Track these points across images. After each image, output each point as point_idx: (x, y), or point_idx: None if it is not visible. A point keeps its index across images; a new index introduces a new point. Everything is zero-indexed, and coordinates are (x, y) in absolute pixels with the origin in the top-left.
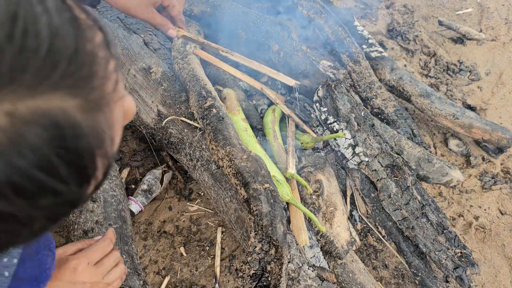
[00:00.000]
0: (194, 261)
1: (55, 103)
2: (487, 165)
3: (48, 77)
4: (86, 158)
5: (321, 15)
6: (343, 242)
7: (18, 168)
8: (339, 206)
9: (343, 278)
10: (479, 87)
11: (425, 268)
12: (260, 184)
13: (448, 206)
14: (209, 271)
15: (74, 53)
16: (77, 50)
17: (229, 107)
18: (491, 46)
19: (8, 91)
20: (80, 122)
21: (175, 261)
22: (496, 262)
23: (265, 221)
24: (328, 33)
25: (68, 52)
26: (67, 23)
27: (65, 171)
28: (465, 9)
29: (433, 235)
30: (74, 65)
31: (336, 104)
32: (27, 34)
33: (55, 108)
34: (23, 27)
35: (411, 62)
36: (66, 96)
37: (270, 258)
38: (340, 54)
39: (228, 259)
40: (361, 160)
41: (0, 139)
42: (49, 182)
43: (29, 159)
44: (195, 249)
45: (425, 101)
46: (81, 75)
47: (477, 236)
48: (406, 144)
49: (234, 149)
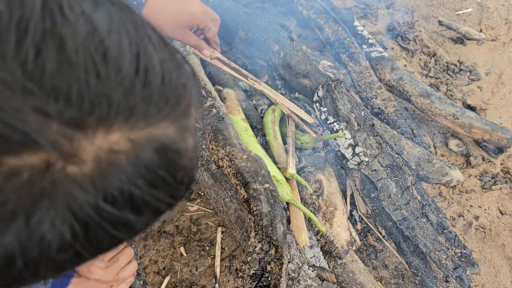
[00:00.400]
0: (194, 261)
1: (162, 130)
2: (487, 165)
3: (162, 109)
4: (184, 174)
5: (321, 15)
6: (343, 242)
7: (136, 184)
8: (339, 206)
9: (343, 278)
10: (479, 87)
11: (425, 268)
12: (260, 184)
13: (448, 206)
14: (209, 271)
15: (178, 86)
16: (178, 84)
17: (229, 107)
18: (491, 46)
19: (134, 120)
20: (180, 144)
21: (175, 261)
22: (496, 262)
23: (265, 221)
24: (328, 33)
25: (174, 86)
26: (169, 59)
27: (173, 185)
28: (465, 9)
29: (433, 235)
30: (178, 97)
31: (336, 104)
32: (148, 71)
33: (161, 134)
34: (144, 65)
35: (411, 62)
36: (170, 123)
37: (270, 258)
38: (340, 54)
39: (228, 259)
40: (361, 160)
41: (123, 160)
42: (160, 197)
43: (145, 177)
44: (195, 249)
45: (425, 101)
46: (181, 106)
47: (477, 236)
48: (406, 144)
49: (234, 149)
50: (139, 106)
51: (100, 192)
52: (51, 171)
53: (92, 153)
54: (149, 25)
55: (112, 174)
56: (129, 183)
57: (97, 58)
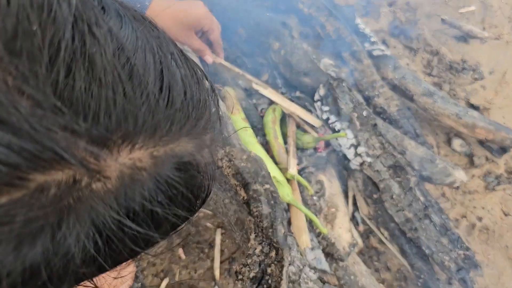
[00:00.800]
0: (193, 263)
1: (182, 146)
2: (490, 166)
3: (183, 126)
4: (202, 189)
5: (322, 13)
6: (344, 244)
7: (157, 200)
8: (341, 207)
9: (344, 280)
10: (482, 86)
11: (428, 270)
12: (260, 185)
13: (451, 207)
14: (208, 274)
15: (199, 103)
16: (199, 100)
17: (229, 106)
18: (494, 45)
19: (158, 137)
20: (198, 160)
21: (173, 264)
22: (499, 264)
23: (265, 223)
24: (329, 31)
25: (196, 102)
26: (190, 75)
27: (192, 200)
28: (468, 7)
29: (436, 236)
30: (198, 113)
31: (338, 103)
32: (171, 88)
33: (182, 151)
34: (168, 82)
35: (414, 61)
36: (190, 140)
37: (270, 260)
38: (342, 52)
39: (228, 261)
40: (363, 161)
41: (145, 177)
42: (179, 212)
43: (165, 193)
44: (194, 251)
45: (428, 100)
46: (201, 122)
47: (480, 238)
48: (409, 144)
49: (234, 149)
50: (163, 123)
51: (123, 208)
52: (77, 188)
53: (117, 170)
54: (171, 40)
55: (134, 190)
56: (150, 198)
57: (124, 77)
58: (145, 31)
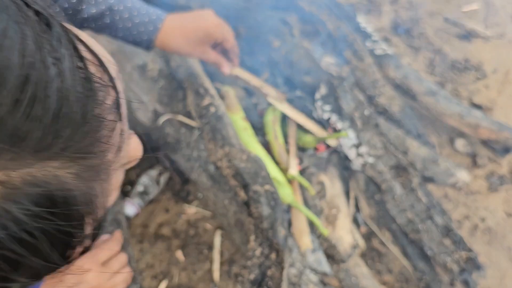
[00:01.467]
0: (192, 265)
1: (50, 170)
2: (493, 166)
3: (49, 147)
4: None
5: (323, 11)
6: (346, 246)
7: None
8: (342, 208)
9: (346, 282)
10: (485, 86)
11: (430, 271)
12: (260, 185)
13: (454, 208)
14: (208, 276)
15: (81, 119)
16: (84, 116)
17: (229, 106)
18: (497, 44)
19: (5, 159)
20: (74, 190)
21: (172, 265)
22: (502, 265)
23: (265, 224)
24: (330, 29)
25: (75, 119)
26: (79, 85)
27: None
28: (471, 5)
29: (438, 238)
30: (79, 132)
31: (339, 102)
32: (35, 100)
33: (48, 176)
34: (32, 93)
35: (416, 60)
36: (64, 163)
37: (270, 262)
38: (343, 51)
39: (227, 263)
40: (365, 161)
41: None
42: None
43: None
44: (193, 253)
45: (431, 100)
46: (84, 143)
47: (483, 239)
48: (411, 144)
49: (233, 149)
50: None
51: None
52: None
53: None
54: (72, 42)
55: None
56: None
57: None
58: (28, 30)
